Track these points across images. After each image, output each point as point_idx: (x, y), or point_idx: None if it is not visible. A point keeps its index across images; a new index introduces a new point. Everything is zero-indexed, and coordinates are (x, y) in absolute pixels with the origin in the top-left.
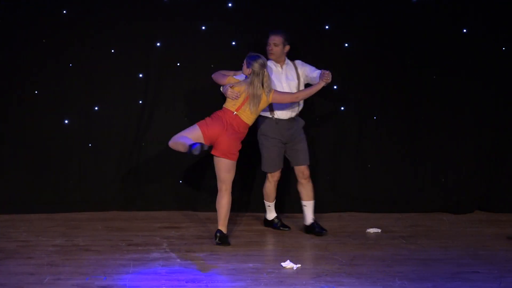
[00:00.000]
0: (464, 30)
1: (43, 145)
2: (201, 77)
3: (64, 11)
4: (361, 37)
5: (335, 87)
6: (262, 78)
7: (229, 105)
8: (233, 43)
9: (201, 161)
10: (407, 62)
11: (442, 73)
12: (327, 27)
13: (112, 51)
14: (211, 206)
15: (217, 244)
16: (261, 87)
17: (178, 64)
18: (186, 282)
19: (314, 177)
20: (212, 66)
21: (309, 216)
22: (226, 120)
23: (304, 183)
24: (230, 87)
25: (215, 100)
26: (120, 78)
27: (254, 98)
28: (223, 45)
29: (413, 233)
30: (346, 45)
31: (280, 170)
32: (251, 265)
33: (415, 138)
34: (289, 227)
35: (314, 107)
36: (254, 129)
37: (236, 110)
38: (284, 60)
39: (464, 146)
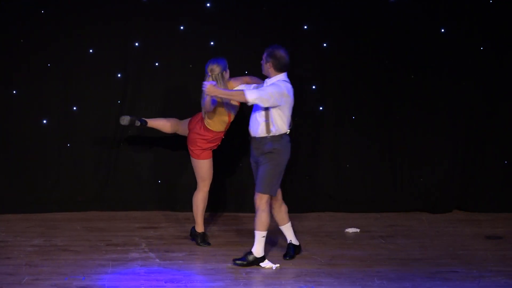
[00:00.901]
0: (442, 30)
1: (21, 145)
2: (180, 77)
3: (42, 11)
4: (339, 37)
5: (313, 87)
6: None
7: None
8: (212, 43)
9: (180, 161)
10: (385, 62)
11: (420, 73)
12: (305, 27)
13: (91, 51)
14: (190, 206)
15: (192, 240)
16: None
17: (157, 64)
18: (165, 282)
19: (293, 177)
20: (190, 66)
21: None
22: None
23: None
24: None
25: (193, 99)
26: (99, 78)
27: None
28: (201, 45)
29: (392, 232)
30: (325, 45)
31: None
32: (230, 265)
33: (393, 138)
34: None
35: (292, 107)
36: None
37: None
38: (269, 77)
39: (442, 146)
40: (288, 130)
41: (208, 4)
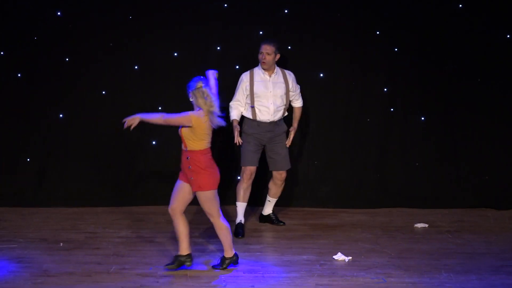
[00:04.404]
0: (508, 36)
1: (109, 142)
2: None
3: (130, 16)
4: (409, 42)
5: (385, 89)
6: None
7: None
8: (289, 47)
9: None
10: (453, 66)
11: (486, 77)
12: (378, 32)
13: (175, 54)
14: (262, 201)
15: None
16: None
17: (237, 66)
18: (243, 273)
19: (365, 175)
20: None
21: (269, 209)
22: None
23: (279, 184)
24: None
25: None
26: (182, 80)
27: None
28: (279, 49)
29: (458, 228)
30: (396, 49)
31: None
32: (305, 257)
33: (459, 137)
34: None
35: (365, 108)
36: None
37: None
38: (274, 69)
39: (507, 144)
40: None
41: (286, 10)
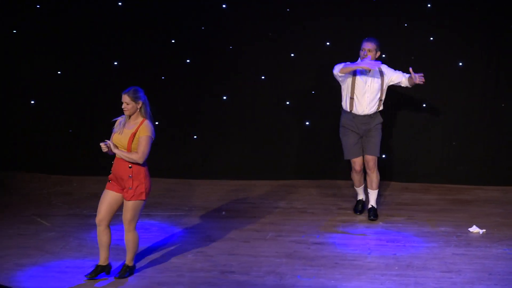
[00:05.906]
0: None
1: (267, 122)
2: (403, 67)
3: (288, 9)
4: None
5: None
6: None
7: None
8: (431, 38)
9: (398, 136)
10: None
11: None
12: None
13: (328, 43)
14: (406, 177)
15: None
16: None
17: (384, 55)
18: (386, 242)
19: (498, 155)
20: (412, 57)
21: (372, 201)
22: None
23: (369, 173)
24: None
25: (414, 87)
26: (331, 67)
27: None
28: (422, 40)
29: None
30: None
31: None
32: (442, 229)
33: None
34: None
35: (500, 94)
36: None
37: None
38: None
39: None
40: None
41: (429, 5)
